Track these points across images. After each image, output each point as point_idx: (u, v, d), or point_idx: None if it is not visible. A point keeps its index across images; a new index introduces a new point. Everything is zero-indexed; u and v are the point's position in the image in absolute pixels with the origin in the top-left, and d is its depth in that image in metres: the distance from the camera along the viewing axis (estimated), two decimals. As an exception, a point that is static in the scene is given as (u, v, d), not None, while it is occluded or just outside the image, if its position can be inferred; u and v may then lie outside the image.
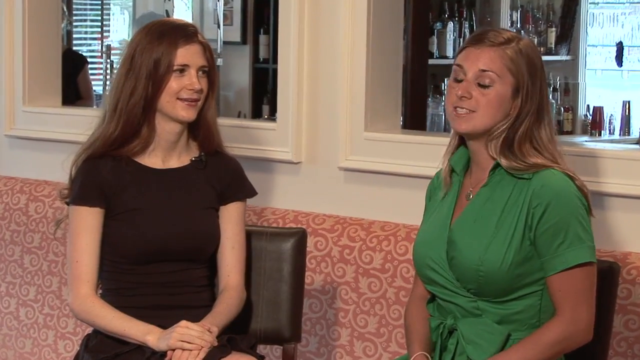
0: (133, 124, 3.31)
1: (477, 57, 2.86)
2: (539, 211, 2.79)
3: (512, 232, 2.81)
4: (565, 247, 2.78)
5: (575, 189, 2.83)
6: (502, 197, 2.86)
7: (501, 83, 2.84)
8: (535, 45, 2.95)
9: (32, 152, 5.06)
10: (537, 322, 2.86)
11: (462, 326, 2.88)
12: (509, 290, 2.83)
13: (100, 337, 3.32)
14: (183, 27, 3.34)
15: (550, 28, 9.07)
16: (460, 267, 2.87)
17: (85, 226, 3.32)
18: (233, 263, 3.40)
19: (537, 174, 2.82)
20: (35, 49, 5.09)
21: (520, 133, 2.84)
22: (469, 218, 2.91)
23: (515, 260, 2.80)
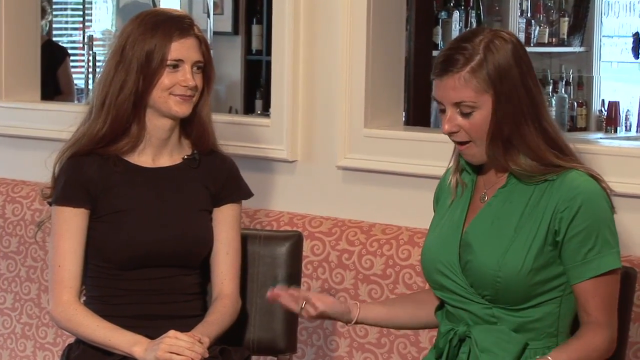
0: (122, 121, 3.32)
1: (445, 90, 2.84)
2: (568, 215, 2.77)
3: (534, 236, 2.80)
4: (596, 253, 2.78)
5: (601, 191, 2.82)
6: (522, 199, 2.85)
7: (480, 105, 2.81)
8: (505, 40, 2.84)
9: (9, 149, 5.07)
10: (555, 331, 2.86)
11: (477, 334, 2.87)
12: (527, 297, 2.83)
13: (83, 348, 3.33)
14: (179, 19, 3.34)
15: (562, 18, 9.09)
16: (476, 272, 2.86)
17: (69, 228, 3.32)
18: (227, 269, 3.41)
19: (561, 175, 2.81)
20: (13, 41, 5.10)
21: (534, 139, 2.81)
22: (486, 220, 2.90)
23: (535, 265, 2.80)
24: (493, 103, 2.81)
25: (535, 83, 2.86)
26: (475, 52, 2.81)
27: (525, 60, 2.86)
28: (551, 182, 2.81)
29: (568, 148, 2.88)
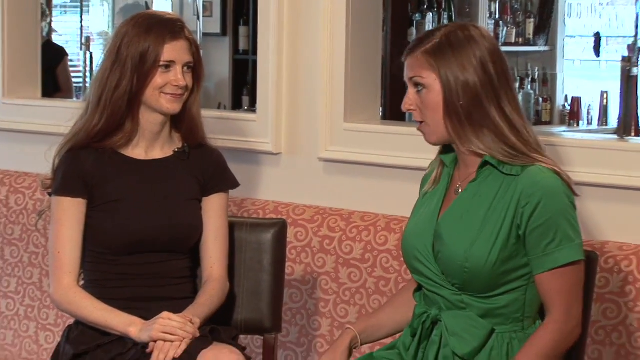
0: (117, 117, 3.32)
1: (406, 69, 2.87)
2: (528, 210, 2.76)
3: (499, 229, 2.80)
4: (555, 246, 2.77)
5: (563, 186, 2.80)
6: (489, 193, 2.84)
7: (428, 83, 2.81)
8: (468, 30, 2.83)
9: (12, 144, 5.06)
10: (521, 316, 2.86)
11: (447, 318, 2.88)
12: (493, 286, 2.83)
13: (81, 328, 3.32)
14: (171, 22, 3.34)
15: (528, 19, 9.10)
16: (446, 261, 2.86)
17: (68, 217, 3.32)
18: (216, 255, 3.41)
19: (525, 170, 2.79)
20: (15, 42, 5.09)
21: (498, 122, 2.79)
22: (456, 213, 2.89)
23: (500, 257, 2.79)
24: (441, 84, 2.80)
25: (499, 72, 2.82)
26: (435, 37, 2.82)
27: (490, 51, 2.83)
28: (516, 177, 2.80)
29: (535, 141, 2.86)
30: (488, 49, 2.83)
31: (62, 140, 3.42)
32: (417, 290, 3.03)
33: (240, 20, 9.08)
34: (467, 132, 2.82)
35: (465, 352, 2.84)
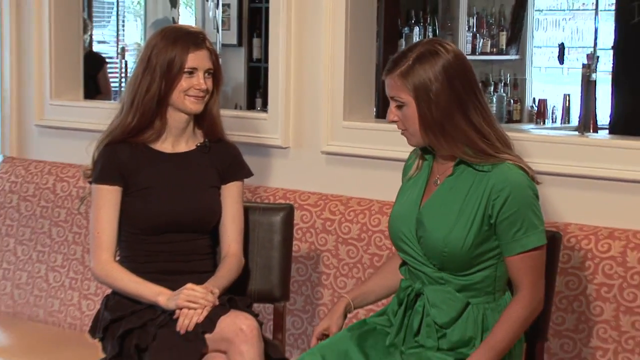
0: (148, 116, 3.33)
1: (387, 87, 2.86)
2: (498, 203, 2.77)
3: (473, 219, 2.80)
4: (522, 233, 2.79)
5: (528, 181, 2.81)
6: (464, 187, 2.84)
7: (406, 102, 2.81)
8: (437, 54, 2.79)
9: (58, 139, 5.05)
10: (492, 290, 2.87)
11: (428, 292, 2.89)
12: (468, 266, 2.84)
13: (117, 298, 3.33)
14: (194, 35, 3.34)
15: (501, 32, 9.10)
16: (427, 245, 2.87)
17: (106, 202, 3.33)
18: (233, 234, 3.41)
19: (495, 168, 2.80)
20: (61, 51, 5.08)
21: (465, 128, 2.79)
22: (435, 203, 2.89)
23: (474, 242, 2.80)
24: (416, 104, 2.79)
25: (467, 88, 2.81)
26: (407, 60, 2.80)
27: (457, 70, 2.81)
28: (487, 174, 2.80)
29: (504, 141, 2.86)
30: (455, 67, 2.81)
31: (100, 136, 3.43)
32: (402, 265, 3.03)
33: (254, 33, 9.06)
34: (440, 142, 2.83)
35: (444, 322, 2.85)
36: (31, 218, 4.83)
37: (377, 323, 3.03)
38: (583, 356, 3.39)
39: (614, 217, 3.47)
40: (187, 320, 3.13)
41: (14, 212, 4.88)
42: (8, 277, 4.88)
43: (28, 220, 4.83)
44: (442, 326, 2.86)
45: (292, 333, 4.01)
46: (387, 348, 2.95)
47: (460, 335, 2.85)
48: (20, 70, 5.21)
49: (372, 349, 2.96)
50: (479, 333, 2.84)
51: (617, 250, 3.34)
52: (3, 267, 4.90)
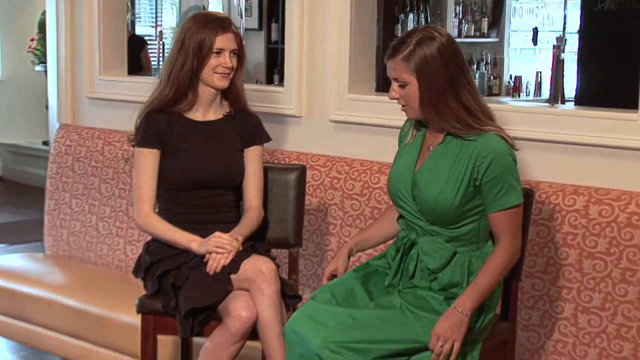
0: (182, 89, 3.32)
1: (389, 69, 2.84)
2: (482, 167, 2.77)
3: (460, 181, 2.80)
4: (503, 193, 2.79)
5: (508, 149, 2.81)
6: (453, 154, 2.84)
7: (408, 81, 2.80)
8: (433, 39, 2.78)
9: (106, 109, 5.05)
10: (477, 240, 2.88)
11: (422, 242, 2.90)
12: (456, 221, 2.84)
13: (156, 244, 3.33)
14: (221, 20, 3.32)
15: (483, 18, 9.09)
16: (421, 203, 2.87)
17: (146, 163, 3.32)
18: (254, 191, 3.40)
19: (479, 137, 2.79)
20: (108, 34, 5.07)
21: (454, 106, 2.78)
22: (428, 167, 2.89)
23: (462, 201, 2.81)
24: (418, 82, 2.78)
25: (459, 69, 2.81)
26: (409, 45, 2.78)
27: (450, 52, 2.80)
28: (473, 142, 2.80)
29: (487, 114, 2.85)
30: (449, 50, 2.80)
31: (142, 106, 3.42)
32: (400, 218, 3.03)
33: (272, 19, 9.04)
34: (434, 117, 2.83)
35: (435, 267, 2.86)
36: (83, 176, 4.83)
37: (378, 265, 3.04)
38: (551, 294, 3.39)
39: (579, 176, 3.46)
40: (216, 263, 3.13)
41: (69, 171, 4.89)
42: (64, 226, 4.90)
43: (81, 178, 4.84)
44: (433, 271, 2.87)
45: (304, 274, 4.02)
46: (386, 288, 2.96)
47: (449, 279, 2.86)
48: (74, 51, 5.21)
49: (374, 287, 2.97)
50: (465, 277, 2.85)
51: (581, 204, 3.34)
52: (60, 218, 4.92)
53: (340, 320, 2.80)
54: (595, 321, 3.32)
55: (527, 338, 3.44)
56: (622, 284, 3.25)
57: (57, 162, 4.94)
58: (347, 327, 2.78)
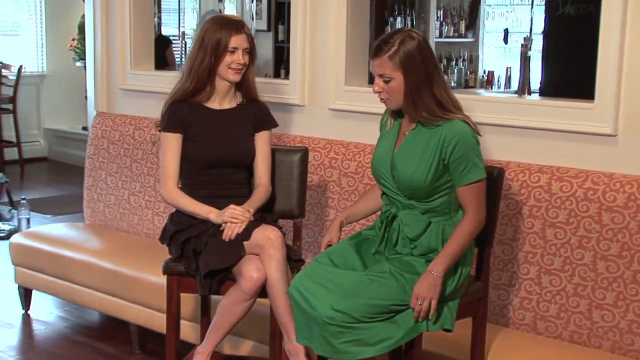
0: (201, 82, 3.30)
1: (374, 67, 2.84)
2: (449, 149, 2.78)
3: (431, 161, 2.81)
4: (467, 170, 2.80)
5: (472, 132, 2.82)
6: (424, 138, 2.85)
7: (393, 77, 2.80)
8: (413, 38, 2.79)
9: (136, 99, 5.04)
10: (448, 211, 2.89)
11: (401, 215, 2.90)
12: (429, 195, 2.85)
13: (179, 214, 3.33)
14: (236, 22, 3.30)
15: (461, 20, 9.05)
16: (399, 182, 2.89)
17: (171, 145, 3.31)
18: (263, 169, 3.39)
19: (447, 123, 2.80)
20: (137, 34, 5.06)
21: (427, 100, 2.80)
22: (404, 150, 2.90)
23: (433, 178, 2.82)
24: (403, 77, 2.79)
25: (433, 66, 2.82)
26: (393, 44, 2.79)
27: (427, 51, 2.82)
28: (441, 127, 2.81)
29: (456, 105, 2.86)
30: (426, 49, 2.82)
31: (167, 96, 3.40)
32: (383, 194, 3.04)
33: (279, 21, 9.01)
34: (410, 108, 2.84)
35: (413, 236, 2.88)
36: (117, 157, 4.82)
37: (369, 234, 3.04)
38: (518, 258, 3.39)
39: (543, 156, 3.46)
40: (230, 231, 3.13)
41: (104, 152, 4.88)
42: (101, 200, 4.89)
43: (115, 158, 4.83)
44: (412, 239, 2.87)
45: (306, 241, 4.01)
46: (374, 255, 2.96)
47: (427, 245, 2.87)
48: (109, 49, 5.19)
49: (365, 253, 2.98)
50: (440, 243, 2.86)
51: (545, 181, 3.33)
52: (97, 192, 4.91)
53: (338, 282, 2.81)
54: (556, 281, 3.32)
55: (497, 295, 3.44)
56: (579, 250, 3.25)
57: (95, 144, 4.93)
58: (343, 288, 2.78)
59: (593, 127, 3.34)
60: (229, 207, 3.18)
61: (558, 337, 3.32)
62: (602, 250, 3.20)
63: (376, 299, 2.76)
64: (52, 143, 9.94)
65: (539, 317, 3.36)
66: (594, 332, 3.23)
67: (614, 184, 3.19)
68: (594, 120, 3.34)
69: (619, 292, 3.17)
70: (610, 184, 3.19)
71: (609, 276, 3.19)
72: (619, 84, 3.26)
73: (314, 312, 2.76)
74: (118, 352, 4.23)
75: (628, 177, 3.19)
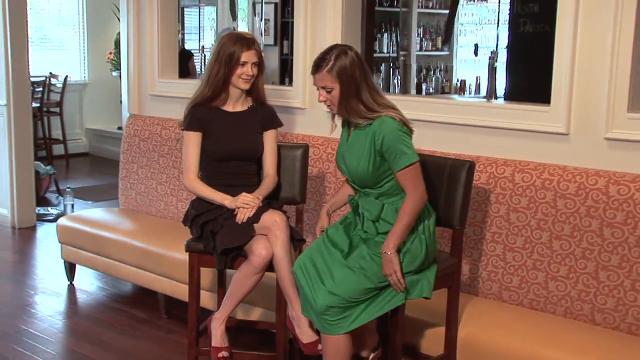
0: (217, 89, 3.28)
1: (316, 81, 2.83)
2: (379, 142, 2.76)
3: (369, 154, 2.80)
4: (398, 158, 2.75)
5: (397, 124, 2.77)
6: (363, 136, 2.83)
7: (333, 87, 2.78)
8: (346, 54, 2.79)
9: (162, 103, 5.02)
10: (397, 192, 2.84)
11: (361, 202, 2.90)
12: (377, 182, 2.83)
13: (199, 200, 3.31)
14: (247, 39, 3.27)
15: (438, 37, 9.00)
16: (349, 173, 2.89)
17: (192, 142, 3.29)
18: (270, 162, 3.37)
19: (376, 120, 2.78)
20: (164, 48, 5.04)
21: (355, 106, 2.78)
22: (350, 147, 2.90)
23: (374, 168, 2.80)
24: (340, 87, 2.77)
25: (363, 76, 2.79)
26: (330, 60, 2.78)
27: (357, 63, 2.80)
28: (372, 125, 2.79)
29: (385, 105, 2.81)
30: (357, 62, 2.80)
31: (188, 101, 3.37)
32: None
33: (284, 37, 8.97)
34: (343, 112, 2.83)
35: (372, 218, 2.85)
36: (146, 152, 4.80)
37: (351, 216, 3.02)
38: (486, 237, 3.38)
39: (507, 152, 3.44)
40: (242, 215, 3.11)
41: (136, 148, 4.85)
42: (133, 188, 4.87)
43: (145, 153, 4.81)
44: (373, 220, 2.85)
45: (307, 223, 3.99)
46: (352, 236, 2.95)
47: (387, 222, 2.83)
48: (140, 61, 5.16)
49: (351, 233, 2.96)
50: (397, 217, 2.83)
51: (509, 172, 3.31)
52: (130, 182, 4.89)
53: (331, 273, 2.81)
54: (518, 257, 3.31)
55: (469, 269, 3.43)
56: (537, 230, 3.24)
57: (128, 142, 4.91)
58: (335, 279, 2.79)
59: (549, 127, 3.34)
60: (241, 195, 3.16)
61: (519, 304, 3.31)
62: (557, 231, 3.19)
63: (362, 283, 2.77)
64: (92, 140, 9.95)
65: (503, 287, 3.35)
66: (550, 299, 3.23)
67: (567, 175, 3.18)
68: (550, 121, 3.33)
69: (571, 266, 3.17)
70: (564, 175, 3.18)
71: (562, 253, 3.18)
72: (571, 90, 3.26)
73: (314, 303, 2.79)
74: (148, 317, 4.23)
75: (579, 169, 3.18)
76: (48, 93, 8.95)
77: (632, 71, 3.09)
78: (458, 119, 3.60)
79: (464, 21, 9.36)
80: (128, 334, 4.02)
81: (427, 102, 3.84)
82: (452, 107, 3.66)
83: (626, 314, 3.03)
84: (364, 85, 2.79)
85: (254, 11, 9.02)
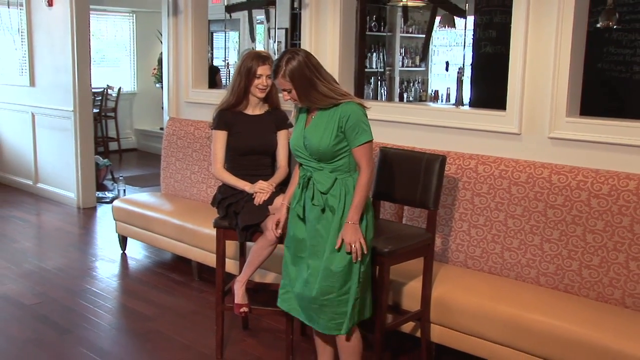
0: (239, 97, 3.24)
1: (277, 85, 2.69)
2: (344, 120, 2.61)
3: (332, 130, 2.63)
4: (358, 135, 2.61)
5: (360, 108, 2.63)
6: (326, 116, 2.65)
7: (290, 88, 2.63)
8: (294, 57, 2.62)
9: (196, 108, 5.00)
10: (349, 169, 2.68)
11: (315, 175, 2.70)
12: (334, 157, 2.65)
13: (225, 186, 3.28)
14: (263, 56, 3.22)
15: (417, 56, 8.94)
16: (310, 149, 2.68)
17: (219, 139, 3.26)
18: (282, 156, 3.33)
19: (342, 104, 2.63)
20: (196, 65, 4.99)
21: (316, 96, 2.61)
22: (313, 126, 2.69)
23: (334, 143, 2.62)
24: (295, 86, 2.62)
25: (313, 71, 2.62)
26: (282, 66, 2.62)
27: (305, 62, 2.62)
28: (337, 108, 2.63)
29: (340, 93, 2.64)
30: (306, 61, 2.61)
31: (216, 106, 3.33)
32: (300, 166, 2.83)
33: (293, 56, 8.91)
34: (309, 104, 2.66)
35: (324, 190, 2.67)
36: (183, 147, 4.75)
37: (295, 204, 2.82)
38: (455, 217, 3.36)
39: (472, 148, 3.43)
40: (259, 198, 3.10)
41: (174, 144, 4.80)
42: (172, 177, 4.83)
43: (181, 149, 4.75)
44: (323, 192, 2.68)
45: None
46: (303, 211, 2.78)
47: (334, 197, 2.67)
48: (178, 75, 5.13)
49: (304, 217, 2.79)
50: (343, 194, 2.67)
51: (473, 164, 3.30)
52: (170, 172, 4.86)
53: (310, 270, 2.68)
54: (479, 233, 3.30)
55: (441, 242, 3.42)
56: (495, 211, 3.22)
57: (168, 139, 4.88)
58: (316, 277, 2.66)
59: (505, 128, 3.33)
60: (258, 182, 3.15)
61: (481, 270, 3.30)
62: (511, 212, 3.18)
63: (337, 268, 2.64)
64: (140, 139, 9.99)
65: (468, 257, 3.34)
66: (504, 266, 3.22)
67: (519, 167, 3.17)
68: (506, 123, 3.32)
69: (522, 239, 3.16)
70: (517, 167, 3.17)
71: (515, 229, 3.17)
72: (522, 99, 3.26)
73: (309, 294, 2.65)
74: (184, 280, 4.24)
75: (528, 162, 3.17)
76: (105, 101, 9.08)
77: (569, 85, 3.13)
78: (432, 121, 3.58)
79: (437, 43, 9.30)
80: (168, 293, 4.03)
81: (407, 108, 3.81)
82: (427, 112, 3.64)
83: (563, 276, 3.04)
84: (316, 80, 2.63)
85: (269, 35, 8.96)
